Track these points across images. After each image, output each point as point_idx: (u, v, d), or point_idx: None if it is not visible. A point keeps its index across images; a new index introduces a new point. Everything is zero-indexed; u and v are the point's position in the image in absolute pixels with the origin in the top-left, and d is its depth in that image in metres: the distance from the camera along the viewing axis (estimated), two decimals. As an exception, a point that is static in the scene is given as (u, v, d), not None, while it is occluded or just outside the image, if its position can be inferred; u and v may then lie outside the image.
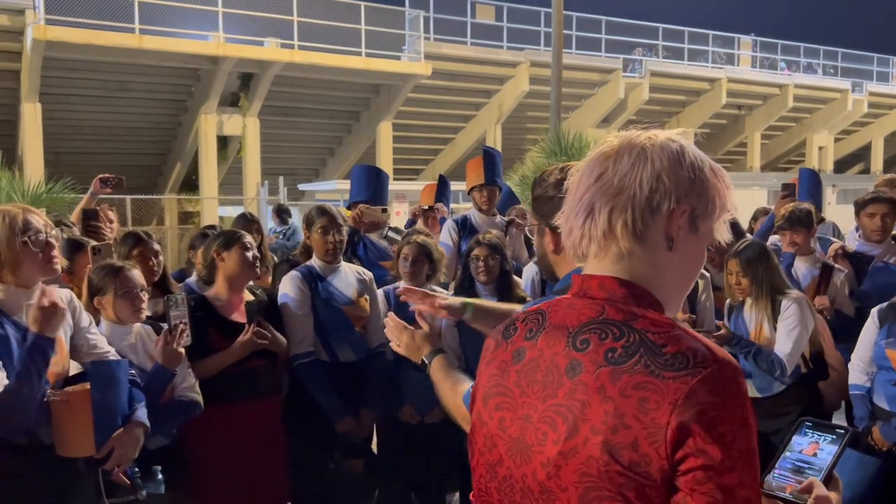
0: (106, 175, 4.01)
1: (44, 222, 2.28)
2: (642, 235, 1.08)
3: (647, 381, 0.98)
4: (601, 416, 0.99)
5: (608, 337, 1.04)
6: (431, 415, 3.50)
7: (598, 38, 20.92)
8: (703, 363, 0.98)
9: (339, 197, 15.09)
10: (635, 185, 1.08)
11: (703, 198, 1.09)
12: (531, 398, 1.09)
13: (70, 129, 15.55)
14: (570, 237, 1.14)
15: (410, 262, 3.52)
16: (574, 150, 10.42)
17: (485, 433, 1.16)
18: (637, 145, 1.10)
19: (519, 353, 1.15)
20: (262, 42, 15.80)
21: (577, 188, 1.14)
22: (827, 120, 25.68)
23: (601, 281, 1.11)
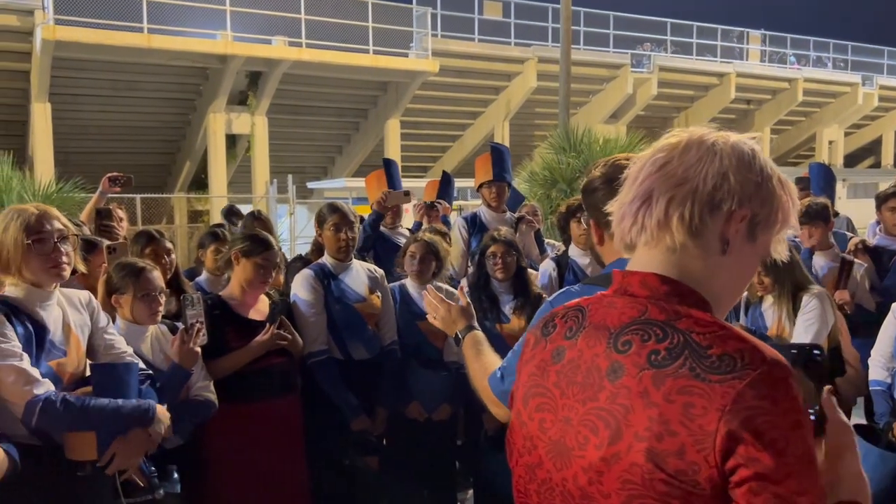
0: (115, 174, 4.00)
1: (60, 225, 2.24)
2: (698, 232, 1.04)
3: (693, 386, 0.94)
4: (645, 423, 0.96)
5: (651, 338, 1.00)
6: (439, 412, 3.49)
7: (606, 34, 20.84)
8: (751, 365, 0.93)
9: (348, 195, 15.08)
10: (699, 179, 1.04)
11: (767, 206, 1.05)
12: (571, 400, 1.06)
13: (79, 129, 15.61)
14: (622, 224, 1.10)
15: (418, 260, 3.52)
16: (583, 147, 10.36)
17: (524, 434, 1.13)
18: (707, 141, 1.07)
19: (558, 352, 1.12)
20: (270, 40, 15.80)
21: (638, 176, 1.09)
22: (837, 114, 25.52)
23: (643, 278, 1.07)
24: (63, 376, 2.22)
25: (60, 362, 2.22)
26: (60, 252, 2.20)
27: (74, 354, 2.27)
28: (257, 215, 4.87)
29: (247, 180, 16.76)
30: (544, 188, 10.08)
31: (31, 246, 2.15)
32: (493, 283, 3.54)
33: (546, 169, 10.22)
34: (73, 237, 2.28)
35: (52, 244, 2.18)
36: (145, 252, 3.40)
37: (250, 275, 2.98)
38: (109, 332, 2.38)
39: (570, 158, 10.18)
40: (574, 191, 9.96)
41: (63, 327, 2.26)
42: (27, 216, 2.19)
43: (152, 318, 2.66)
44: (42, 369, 2.16)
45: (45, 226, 2.19)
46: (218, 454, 2.85)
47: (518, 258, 3.53)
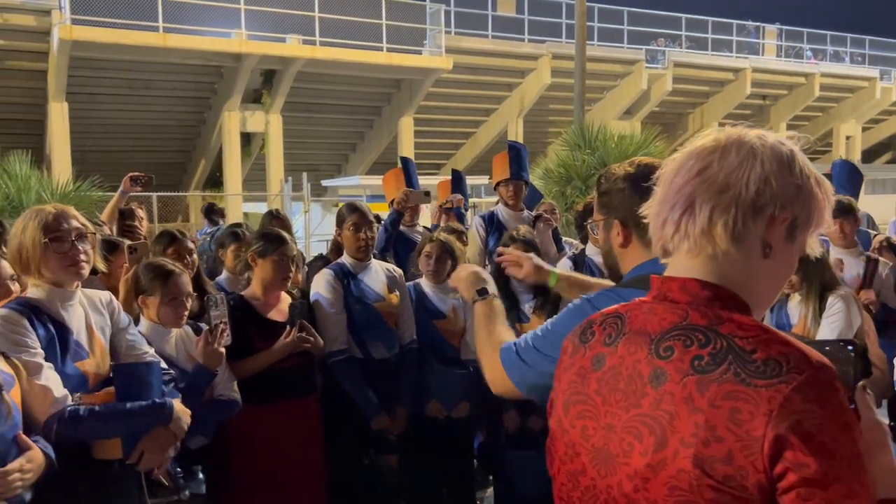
0: (136, 173, 4.03)
1: (78, 224, 2.25)
2: (740, 237, 1.04)
3: (738, 391, 0.94)
4: (691, 429, 0.95)
5: (693, 344, 1.00)
6: (458, 409, 3.50)
7: (621, 30, 20.73)
8: (796, 369, 0.93)
9: (362, 192, 15.11)
10: (742, 185, 1.03)
11: (806, 208, 1.05)
12: (613, 407, 1.06)
13: (96, 128, 15.72)
14: (662, 230, 1.09)
15: (434, 260, 3.54)
16: (598, 143, 10.31)
17: (566, 441, 1.13)
18: (746, 143, 1.05)
19: (598, 359, 1.12)
20: (285, 39, 15.84)
21: (674, 180, 1.08)
22: (854, 109, 25.26)
23: (683, 283, 1.07)
24: (89, 377, 2.24)
25: (85, 363, 2.24)
26: (78, 250, 2.20)
27: (98, 355, 2.28)
28: (275, 214, 4.88)
29: (261, 178, 16.83)
30: (559, 185, 10.05)
31: (49, 244, 2.16)
32: (512, 283, 3.53)
33: (561, 166, 10.19)
34: (92, 236, 2.28)
35: (70, 242, 2.19)
36: (168, 252, 3.42)
37: (269, 273, 3.00)
38: (131, 332, 2.39)
39: (585, 155, 10.15)
40: (589, 188, 9.92)
41: (86, 328, 2.27)
42: (45, 215, 2.20)
43: (178, 321, 2.68)
44: (69, 370, 2.18)
45: (62, 224, 2.19)
46: (239, 454, 2.87)
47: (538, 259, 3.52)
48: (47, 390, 2.05)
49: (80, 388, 2.19)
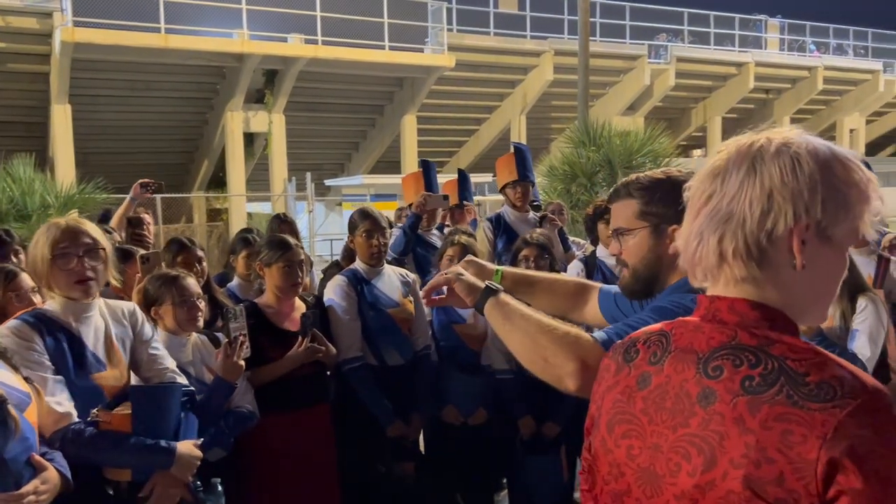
0: (146, 180, 4.01)
1: (89, 240, 2.21)
2: (760, 259, 1.01)
3: (791, 413, 0.92)
4: (741, 449, 0.94)
5: (743, 364, 0.98)
6: (475, 416, 3.48)
7: (623, 25, 20.68)
8: (851, 394, 0.91)
9: (366, 191, 15.12)
10: (745, 209, 1.00)
11: (831, 203, 0.99)
12: (660, 427, 1.05)
13: (98, 130, 15.73)
14: (686, 262, 1.09)
15: (458, 262, 3.51)
16: (603, 140, 10.27)
17: (610, 461, 1.12)
18: (746, 159, 1.02)
19: (644, 378, 1.10)
20: (286, 38, 15.84)
21: (692, 206, 1.07)
22: (858, 102, 25.21)
23: (731, 303, 1.05)
24: (105, 390, 2.21)
25: (102, 376, 2.21)
26: (85, 267, 2.17)
27: (117, 368, 2.25)
28: (283, 218, 4.86)
29: (265, 178, 16.82)
30: (564, 183, 10.01)
31: (55, 261, 2.14)
32: (486, 285, 3.50)
33: (566, 163, 10.14)
34: (103, 251, 2.24)
35: (76, 259, 2.16)
36: (177, 260, 3.41)
37: (279, 281, 2.98)
38: (154, 345, 2.37)
39: (589, 152, 10.10)
40: (594, 185, 9.89)
41: (105, 340, 2.25)
42: (55, 231, 2.18)
43: (192, 323, 2.67)
44: (82, 383, 2.15)
45: (69, 240, 2.17)
46: (256, 465, 2.85)
47: (551, 261, 3.50)
48: (50, 406, 2.03)
49: (95, 400, 2.17)
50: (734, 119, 24.37)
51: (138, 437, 2.12)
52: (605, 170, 9.85)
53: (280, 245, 3.00)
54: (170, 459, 2.16)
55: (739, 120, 24.60)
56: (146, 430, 2.15)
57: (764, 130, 1.05)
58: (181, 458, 2.17)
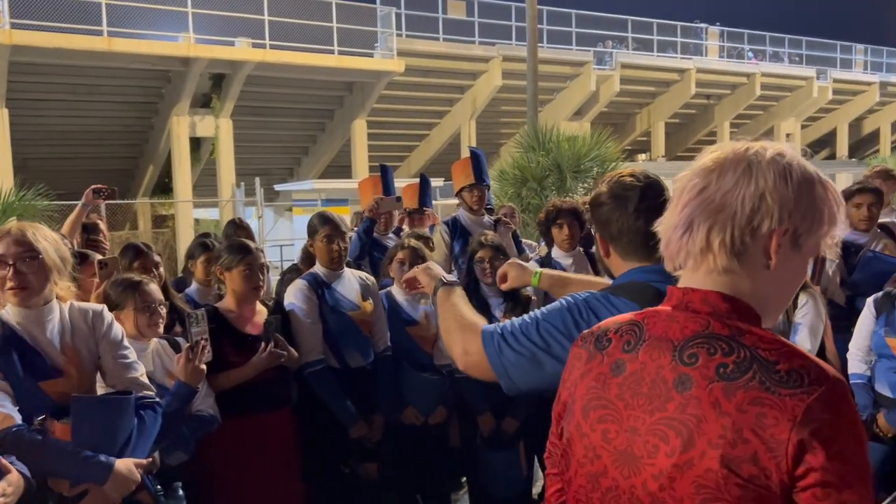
0: (99, 186, 3.94)
1: (20, 247, 2.15)
2: (740, 253, 1.10)
3: (764, 398, 1.01)
4: (718, 431, 1.02)
5: (717, 352, 1.07)
6: (435, 415, 3.54)
7: (569, 32, 21.03)
8: (817, 381, 1.01)
9: (317, 196, 15.01)
10: (737, 204, 1.08)
11: (809, 216, 1.09)
12: (637, 411, 1.12)
13: (39, 135, 15.27)
14: (668, 249, 1.16)
15: (408, 266, 3.56)
16: (552, 145, 10.44)
17: (586, 444, 1.18)
18: (743, 160, 1.10)
19: (618, 365, 1.17)
20: (234, 42, 15.64)
21: (679, 200, 1.14)
22: (793, 107, 26.12)
23: (704, 295, 1.13)
24: (56, 398, 2.15)
25: (54, 383, 2.16)
26: (16, 274, 2.13)
27: (74, 375, 2.20)
28: (238, 223, 4.84)
29: (212, 184, 16.56)
30: (515, 187, 10.14)
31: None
32: (482, 288, 3.58)
33: (516, 168, 10.28)
34: (43, 257, 2.17)
35: (9, 266, 2.12)
36: (133, 266, 3.38)
37: (240, 284, 2.98)
38: (122, 351, 2.30)
39: (539, 157, 10.26)
40: (544, 189, 10.05)
41: (62, 346, 2.20)
42: None
43: (154, 329, 2.65)
44: (29, 389, 2.11)
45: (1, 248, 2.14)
46: (218, 468, 2.85)
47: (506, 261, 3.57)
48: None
49: (42, 408, 2.11)
50: (677, 124, 25.01)
51: (76, 449, 2.05)
52: (555, 174, 10.02)
53: (240, 249, 3.00)
54: (105, 475, 2.07)
55: (682, 125, 25.27)
56: (87, 443, 2.07)
57: (758, 140, 1.14)
58: (117, 475, 2.08)
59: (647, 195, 1.65)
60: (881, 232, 4.33)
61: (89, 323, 2.27)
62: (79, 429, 2.07)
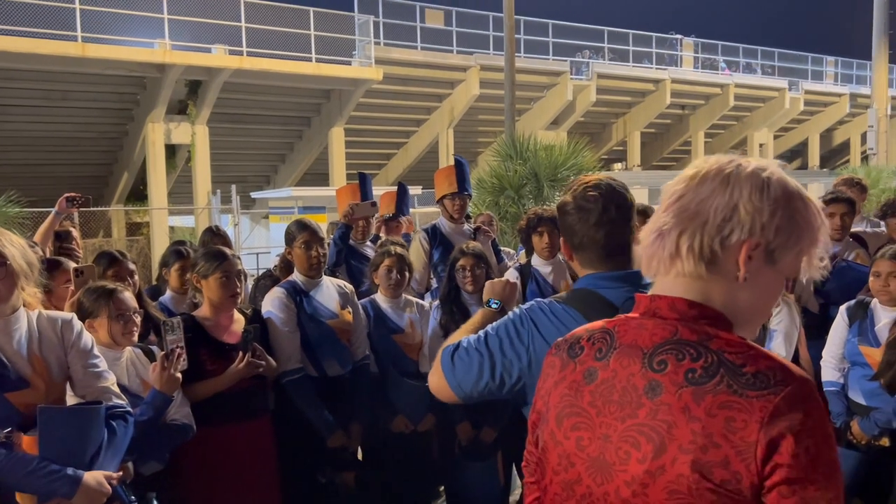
0: (72, 194, 3.88)
1: None
2: (710, 261, 1.10)
3: (732, 401, 1.01)
4: (689, 436, 1.02)
5: (685, 357, 1.07)
6: (424, 422, 3.53)
7: (546, 42, 21.19)
8: (783, 381, 1.02)
9: (294, 204, 14.92)
10: (710, 212, 1.09)
11: (784, 232, 1.09)
12: (608, 418, 1.12)
13: (11, 141, 15.05)
14: (644, 254, 1.17)
15: (396, 273, 3.57)
16: (529, 154, 10.50)
17: (560, 452, 1.18)
18: (723, 172, 1.11)
19: (590, 373, 1.17)
20: (210, 49, 15.54)
21: (661, 204, 1.15)
22: (766, 118, 26.54)
23: (671, 302, 1.13)
24: (23, 409, 2.09)
25: (21, 394, 2.10)
26: None
27: (41, 385, 2.14)
28: (215, 231, 4.79)
29: (187, 191, 16.41)
30: (493, 195, 10.17)
31: None
32: (462, 296, 3.58)
33: (494, 176, 10.32)
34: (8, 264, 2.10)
35: None
36: (108, 273, 3.32)
37: (216, 293, 2.95)
38: (92, 360, 2.25)
39: (516, 166, 10.30)
40: (522, 197, 10.09)
41: (29, 356, 2.14)
42: None
43: (128, 337, 2.61)
44: None
45: None
46: (194, 479, 2.81)
47: (487, 270, 3.59)
48: None
49: (8, 420, 2.05)
50: (652, 133, 25.27)
51: (43, 462, 1.99)
52: (532, 182, 10.07)
53: (217, 256, 2.97)
54: (73, 489, 2.01)
55: (657, 134, 25.54)
56: (54, 455, 2.01)
57: (746, 156, 1.15)
58: (86, 488, 2.03)
59: (608, 208, 1.70)
60: (853, 241, 4.40)
61: (58, 332, 2.20)
62: (46, 440, 2.01)
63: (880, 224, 5.04)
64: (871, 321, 3.30)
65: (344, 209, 4.48)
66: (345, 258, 4.40)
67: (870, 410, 3.14)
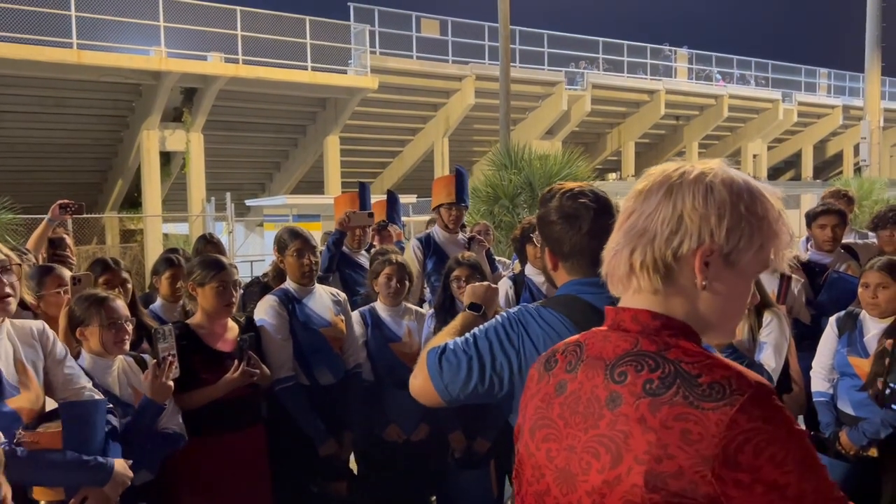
0: (65, 201, 3.88)
1: (2, 256, 2.17)
2: (666, 275, 1.10)
3: (688, 413, 1.01)
4: (644, 447, 1.02)
5: (644, 368, 1.07)
6: (417, 432, 3.53)
7: (541, 52, 21.27)
8: (738, 390, 1.00)
9: (288, 212, 14.92)
10: (657, 226, 1.09)
11: (735, 233, 1.07)
12: (574, 429, 1.13)
13: (3, 147, 15.02)
14: (605, 272, 1.18)
15: (396, 282, 3.57)
16: (524, 163, 10.53)
17: (532, 464, 1.19)
18: (667, 183, 1.11)
19: (561, 385, 1.18)
20: (206, 56, 15.57)
21: (618, 223, 1.16)
22: (760, 129, 26.66)
23: (634, 314, 1.14)
24: (22, 415, 2.15)
25: (18, 400, 2.15)
26: (2, 283, 2.13)
27: (32, 391, 2.19)
28: (209, 238, 4.78)
29: (182, 198, 16.40)
30: (488, 204, 10.19)
31: None
32: (457, 305, 3.59)
33: (489, 185, 10.34)
34: (17, 267, 2.21)
35: None
36: (100, 281, 3.32)
37: (211, 301, 2.95)
38: (68, 365, 2.31)
39: (511, 175, 10.33)
40: (516, 206, 10.12)
41: (15, 363, 2.18)
42: None
43: (119, 346, 2.60)
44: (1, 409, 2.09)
45: None
46: (185, 488, 2.80)
47: (482, 281, 3.59)
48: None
49: (13, 426, 2.11)
50: (647, 144, 25.36)
51: (73, 454, 2.11)
52: (527, 192, 10.09)
53: (214, 265, 2.98)
54: (106, 476, 2.17)
55: (652, 145, 25.64)
56: (77, 447, 2.13)
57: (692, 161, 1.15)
58: (116, 474, 2.19)
59: (600, 215, 1.69)
60: (845, 253, 4.42)
61: (35, 339, 2.26)
62: (70, 433, 2.12)
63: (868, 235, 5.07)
64: (860, 332, 3.32)
65: (340, 216, 4.48)
66: (338, 266, 4.40)
67: (858, 421, 3.15)
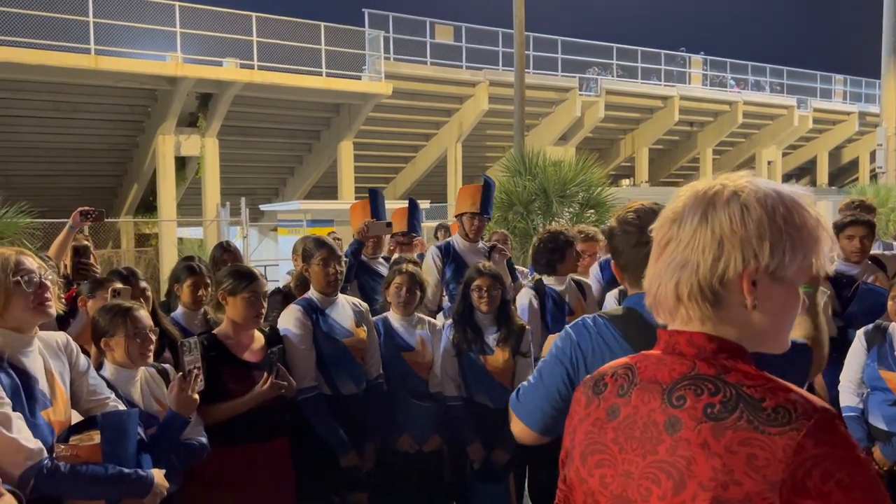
0: (86, 208, 3.86)
1: (37, 264, 2.21)
2: (714, 301, 1.08)
3: (753, 438, 0.99)
4: (709, 473, 1.00)
5: (704, 392, 1.06)
6: (429, 443, 3.50)
7: (555, 58, 21.25)
8: (805, 415, 0.99)
9: (302, 217, 14.94)
10: (698, 255, 1.07)
11: (779, 248, 1.06)
12: (630, 455, 1.11)
13: (22, 152, 15.14)
14: (649, 303, 1.16)
15: (406, 291, 3.55)
16: (538, 169, 10.49)
17: (585, 490, 1.17)
18: (700, 206, 1.09)
19: (613, 409, 1.16)
20: (221, 62, 15.64)
21: (655, 250, 1.15)
22: (775, 135, 26.50)
23: (689, 336, 1.12)
24: (55, 427, 2.16)
25: (49, 412, 2.16)
26: (46, 287, 2.18)
27: (60, 403, 2.20)
28: (226, 247, 4.77)
29: (196, 203, 16.47)
30: (502, 211, 10.15)
31: (18, 283, 2.11)
32: (476, 315, 3.56)
33: (503, 192, 10.30)
34: (53, 274, 2.26)
35: (38, 280, 2.15)
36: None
37: (242, 312, 2.95)
38: (92, 376, 2.33)
39: (525, 181, 10.29)
40: (530, 213, 10.08)
41: (46, 375, 2.19)
42: (6, 256, 2.15)
43: (144, 357, 2.59)
44: (38, 421, 2.10)
45: (26, 263, 2.16)
46: (209, 499, 2.79)
47: (503, 291, 3.57)
48: (20, 443, 1.97)
49: (49, 439, 2.12)
50: (660, 150, 25.27)
51: (114, 467, 2.15)
52: (541, 198, 10.05)
53: (246, 276, 2.98)
54: (147, 488, 2.21)
55: (666, 151, 25.54)
56: (116, 459, 2.17)
57: (721, 176, 1.12)
58: (156, 486, 2.23)
59: (645, 230, 1.69)
60: (872, 264, 4.36)
61: (62, 349, 2.28)
62: (109, 445, 2.16)
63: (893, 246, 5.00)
64: (889, 345, 3.27)
65: (359, 226, 4.46)
66: (356, 274, 4.38)
67: (891, 436, 3.10)
